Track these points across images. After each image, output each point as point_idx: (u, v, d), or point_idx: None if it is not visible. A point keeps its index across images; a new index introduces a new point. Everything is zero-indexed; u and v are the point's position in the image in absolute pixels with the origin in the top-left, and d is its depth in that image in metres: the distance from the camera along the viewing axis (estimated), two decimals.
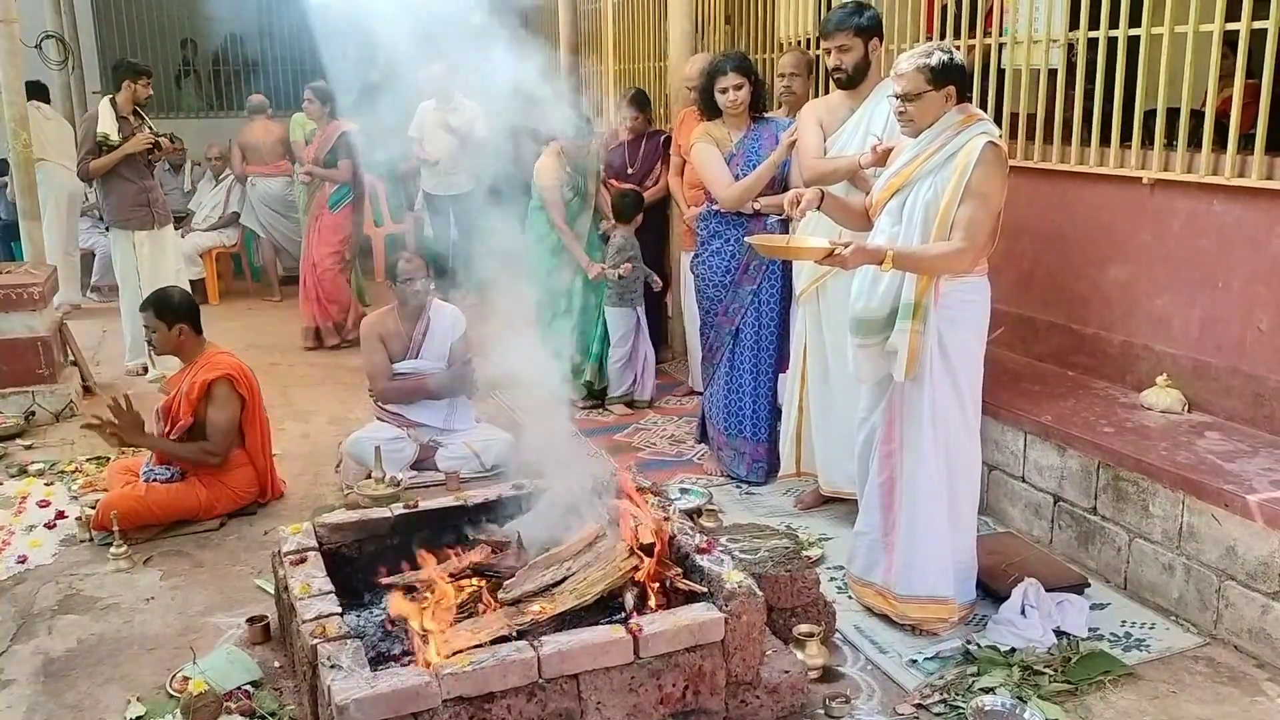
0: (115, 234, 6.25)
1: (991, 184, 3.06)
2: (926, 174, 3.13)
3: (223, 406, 4.15)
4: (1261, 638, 3.09)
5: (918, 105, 3.10)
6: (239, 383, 4.19)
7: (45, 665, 3.20)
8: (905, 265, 3.06)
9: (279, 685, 3.02)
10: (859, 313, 3.26)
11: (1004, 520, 4.07)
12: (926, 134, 3.15)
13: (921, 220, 3.11)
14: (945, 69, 3.06)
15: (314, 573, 3.00)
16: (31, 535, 4.09)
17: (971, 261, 3.11)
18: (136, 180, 6.10)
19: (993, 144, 3.05)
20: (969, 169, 3.02)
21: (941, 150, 3.10)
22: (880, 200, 3.27)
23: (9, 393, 5.42)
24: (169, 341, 4.23)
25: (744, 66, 4.35)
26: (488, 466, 4.65)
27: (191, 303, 4.32)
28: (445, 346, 4.78)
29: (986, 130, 3.10)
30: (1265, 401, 3.62)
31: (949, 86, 3.09)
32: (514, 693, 2.53)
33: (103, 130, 5.98)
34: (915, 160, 3.16)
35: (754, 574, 2.95)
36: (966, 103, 3.18)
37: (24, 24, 6.60)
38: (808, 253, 3.23)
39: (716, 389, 4.59)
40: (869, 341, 3.24)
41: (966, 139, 3.07)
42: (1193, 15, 3.68)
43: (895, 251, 3.02)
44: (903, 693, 2.98)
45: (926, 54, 3.08)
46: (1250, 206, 3.62)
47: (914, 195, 3.15)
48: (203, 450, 4.15)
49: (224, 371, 4.16)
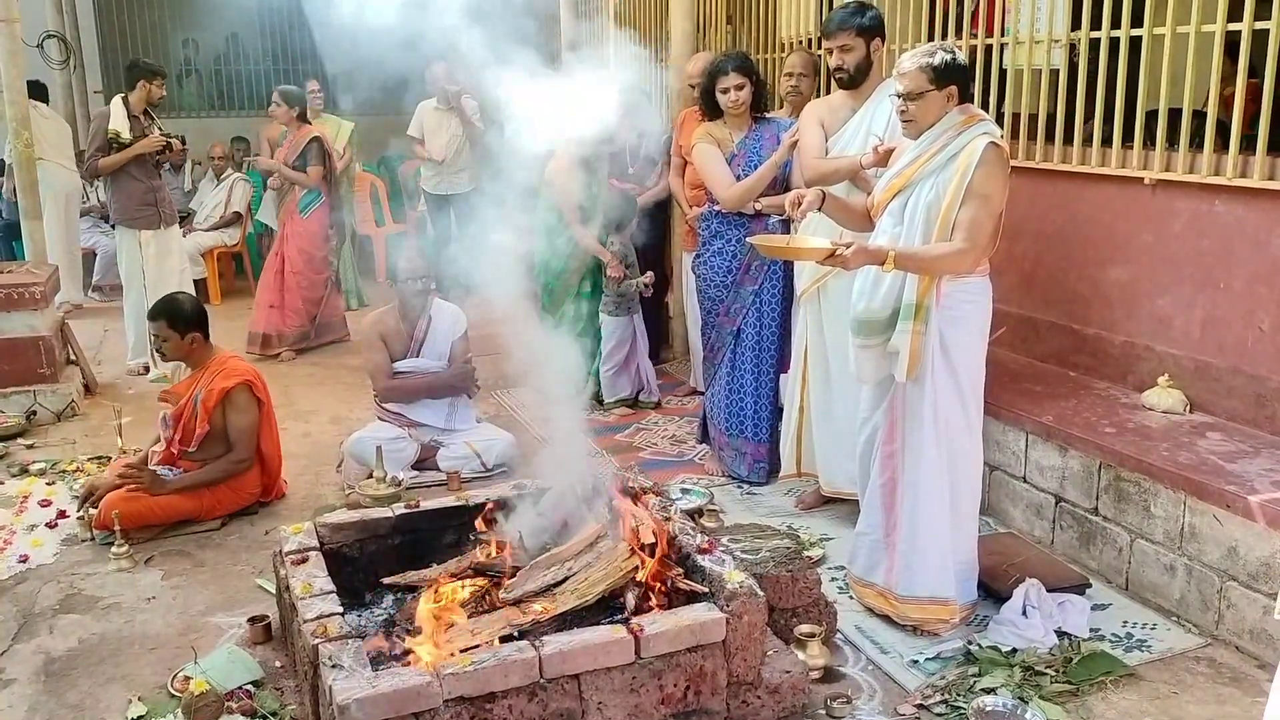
0: (121, 233, 6.25)
1: (993, 185, 3.06)
2: (928, 174, 3.13)
3: (244, 412, 4.16)
4: (1263, 638, 3.09)
5: (919, 104, 3.11)
6: (257, 387, 4.20)
7: (46, 664, 3.20)
8: (907, 266, 3.07)
9: (280, 685, 3.01)
10: (860, 314, 3.26)
11: (1005, 520, 4.07)
12: (928, 134, 3.15)
13: (923, 221, 3.12)
14: (948, 69, 3.07)
15: (315, 572, 3.00)
16: (33, 535, 4.09)
17: (973, 262, 3.11)
18: (145, 180, 6.12)
19: (994, 144, 3.05)
20: (970, 169, 3.03)
21: (943, 151, 3.10)
22: (882, 201, 3.27)
23: (10, 392, 5.41)
24: (180, 349, 4.19)
25: (745, 67, 4.35)
26: (489, 466, 4.65)
27: (202, 310, 4.29)
28: (446, 345, 4.78)
29: (988, 130, 3.10)
30: (1267, 402, 3.62)
31: (951, 86, 3.09)
32: (515, 693, 2.52)
33: (114, 128, 5.99)
34: (917, 161, 3.16)
35: (755, 574, 2.95)
36: (968, 103, 3.18)
37: (25, 23, 6.61)
38: (809, 253, 3.23)
39: (718, 389, 4.59)
40: (871, 342, 3.24)
41: (968, 139, 3.07)
42: (1194, 16, 3.68)
43: (897, 252, 3.02)
44: (904, 693, 2.98)
45: (929, 53, 3.08)
46: (1252, 207, 3.62)
47: (916, 196, 3.15)
48: (229, 462, 4.15)
49: (242, 378, 4.15)
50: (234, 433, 4.15)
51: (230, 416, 4.14)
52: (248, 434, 4.17)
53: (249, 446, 4.18)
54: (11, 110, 6.22)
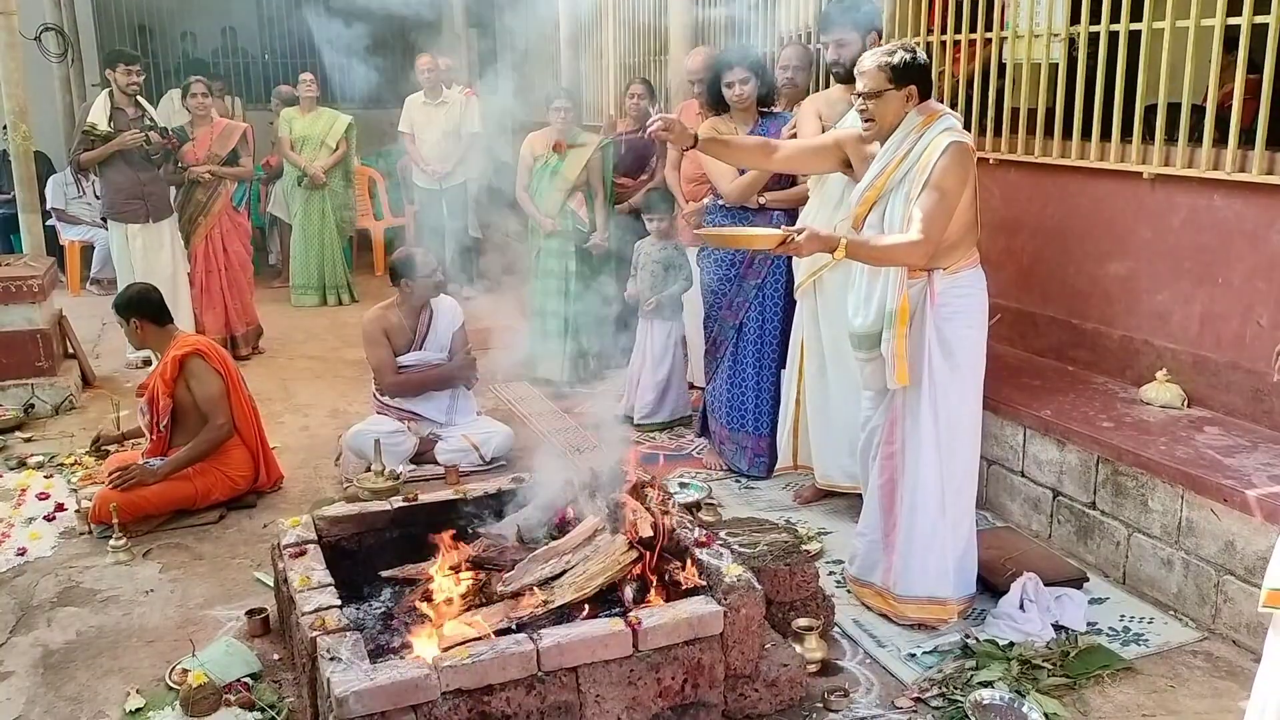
0: (111, 226, 6.24)
1: (949, 179, 3.00)
2: (898, 183, 3.11)
3: (204, 380, 4.18)
4: (1260, 632, 3.09)
5: (878, 104, 3.09)
6: (210, 356, 4.22)
7: (44, 657, 3.21)
8: (858, 255, 3.02)
9: (278, 678, 3.02)
10: (857, 329, 3.26)
11: (1003, 515, 4.07)
12: (891, 141, 3.13)
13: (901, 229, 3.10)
14: (907, 68, 3.05)
15: (313, 565, 3.00)
16: (31, 527, 4.09)
17: (924, 256, 3.02)
18: (132, 173, 6.04)
19: (956, 142, 3.02)
20: (929, 167, 3.01)
21: (908, 157, 3.09)
22: (859, 214, 3.25)
23: (8, 385, 5.41)
24: (133, 335, 4.36)
25: (751, 61, 4.34)
26: (487, 460, 4.66)
27: (146, 296, 4.33)
28: (448, 337, 4.80)
29: (949, 127, 3.07)
30: (1264, 397, 3.62)
31: (910, 86, 3.07)
32: (513, 685, 2.53)
33: (91, 120, 5.92)
34: (885, 171, 3.14)
35: (753, 568, 2.96)
36: (928, 100, 3.14)
37: (23, 16, 6.60)
38: (760, 240, 3.10)
39: (719, 383, 4.59)
40: (871, 355, 3.24)
41: (930, 139, 3.05)
42: (1194, 10, 3.68)
43: (848, 240, 2.98)
44: (901, 686, 2.98)
45: (889, 52, 3.07)
46: (1250, 202, 3.62)
47: (890, 206, 3.14)
48: (209, 430, 4.17)
49: (192, 347, 4.21)
50: (203, 403, 4.18)
51: (194, 387, 4.17)
52: (216, 400, 4.18)
53: (224, 411, 4.20)
54: (10, 103, 6.20)
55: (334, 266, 8.13)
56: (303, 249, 8.09)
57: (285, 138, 7.94)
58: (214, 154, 6.42)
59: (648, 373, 5.20)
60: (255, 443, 4.35)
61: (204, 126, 6.45)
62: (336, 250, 8.12)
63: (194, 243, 6.50)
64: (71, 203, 8.72)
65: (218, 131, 6.48)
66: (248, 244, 6.83)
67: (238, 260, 6.67)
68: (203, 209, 6.47)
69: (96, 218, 8.04)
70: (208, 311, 6.54)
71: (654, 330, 5.18)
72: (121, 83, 5.98)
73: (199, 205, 6.46)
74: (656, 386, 5.19)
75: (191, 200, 6.45)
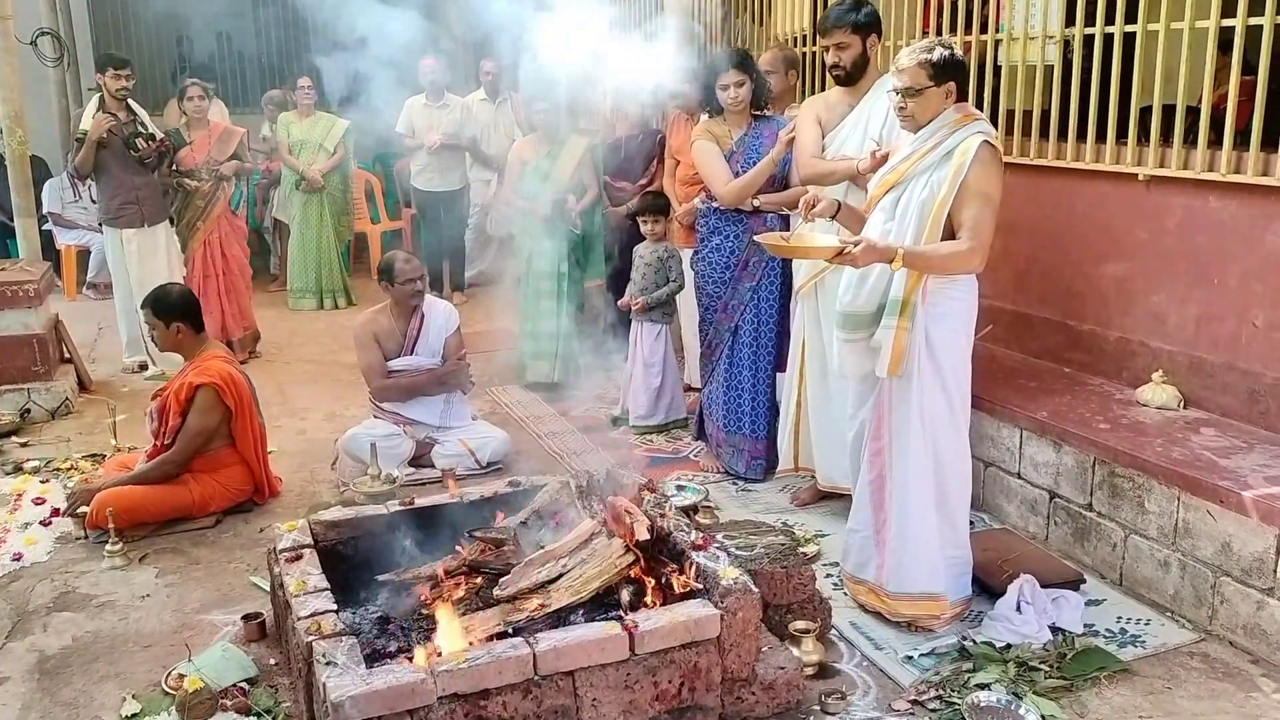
0: (106, 231, 6.22)
1: (990, 184, 3.06)
2: (922, 171, 3.13)
3: (201, 413, 4.10)
4: (1256, 633, 3.10)
5: (918, 101, 3.10)
6: (225, 393, 4.13)
7: (40, 663, 3.20)
8: (915, 265, 3.05)
9: (274, 682, 3.01)
10: (846, 307, 3.26)
11: (1000, 516, 4.07)
12: (924, 131, 3.15)
13: (916, 217, 3.11)
14: (946, 65, 3.07)
15: (309, 570, 3.00)
16: (27, 532, 4.08)
17: (981, 261, 3.11)
18: (126, 177, 6.03)
19: (989, 144, 3.05)
20: (965, 168, 3.03)
21: (938, 148, 3.10)
22: (875, 196, 3.27)
23: (4, 390, 5.40)
24: (168, 339, 4.25)
25: (745, 64, 4.34)
26: (483, 464, 4.65)
27: (190, 300, 4.30)
28: (440, 342, 4.78)
29: (983, 130, 3.10)
30: (1261, 398, 3.62)
31: (949, 83, 3.09)
32: (509, 689, 2.52)
33: (83, 126, 5.92)
34: (911, 157, 3.16)
35: (750, 570, 2.95)
36: (964, 102, 3.18)
37: (19, 20, 6.59)
38: (818, 252, 3.23)
39: (715, 386, 4.59)
40: (855, 337, 3.25)
41: (963, 137, 3.07)
42: (1188, 12, 3.68)
43: (906, 250, 3.01)
44: (898, 689, 2.98)
45: (928, 49, 3.08)
46: (1246, 203, 3.63)
47: (909, 192, 3.15)
48: (163, 463, 4.10)
49: (211, 379, 4.10)
50: (185, 431, 4.10)
51: (189, 413, 4.10)
52: (192, 435, 4.09)
53: (187, 448, 4.10)
54: (6, 108, 6.20)
55: (331, 270, 8.12)
56: (300, 253, 8.07)
57: (284, 141, 7.94)
58: (213, 159, 6.41)
59: (640, 375, 5.20)
60: (257, 462, 4.32)
61: (201, 130, 6.45)
62: (334, 254, 8.11)
63: (192, 247, 6.47)
64: (67, 207, 8.71)
65: (216, 135, 6.48)
66: (245, 248, 6.81)
67: (236, 264, 6.64)
68: (201, 213, 6.44)
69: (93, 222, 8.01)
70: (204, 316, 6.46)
71: (645, 332, 5.18)
72: (111, 87, 5.96)
73: (198, 210, 6.43)
74: (650, 389, 5.19)
75: (190, 205, 6.43)
